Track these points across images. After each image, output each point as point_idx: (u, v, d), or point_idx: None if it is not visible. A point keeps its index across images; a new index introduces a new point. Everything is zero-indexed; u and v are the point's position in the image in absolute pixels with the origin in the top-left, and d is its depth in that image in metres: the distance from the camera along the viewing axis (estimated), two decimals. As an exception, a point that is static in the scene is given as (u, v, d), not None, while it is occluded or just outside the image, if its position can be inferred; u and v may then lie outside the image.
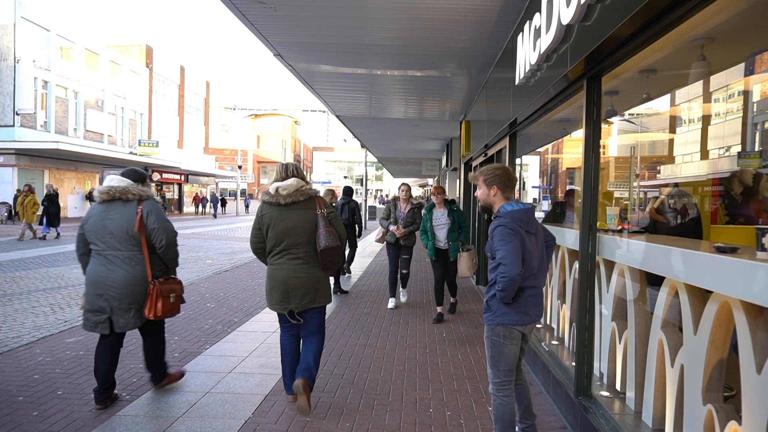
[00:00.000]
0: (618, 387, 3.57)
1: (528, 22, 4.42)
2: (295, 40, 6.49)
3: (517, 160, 6.50)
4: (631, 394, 3.34)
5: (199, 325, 6.13)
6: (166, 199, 36.50)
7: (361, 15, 5.47)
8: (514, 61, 5.19)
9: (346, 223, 9.20)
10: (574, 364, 3.77)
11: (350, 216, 9.34)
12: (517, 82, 5.04)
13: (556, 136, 7.41)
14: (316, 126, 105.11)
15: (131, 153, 31.39)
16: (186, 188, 42.09)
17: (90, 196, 29.85)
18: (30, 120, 25.64)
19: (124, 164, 29.10)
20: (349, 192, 9.46)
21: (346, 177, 79.81)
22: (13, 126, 24.64)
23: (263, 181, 66.27)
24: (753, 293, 2.11)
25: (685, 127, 4.53)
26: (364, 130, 15.13)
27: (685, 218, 3.89)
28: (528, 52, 4.43)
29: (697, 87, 3.95)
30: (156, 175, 35.74)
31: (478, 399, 4.11)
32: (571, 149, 6.87)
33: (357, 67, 7.64)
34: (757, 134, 3.57)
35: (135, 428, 3.46)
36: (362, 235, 14.98)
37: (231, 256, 13.39)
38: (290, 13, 5.49)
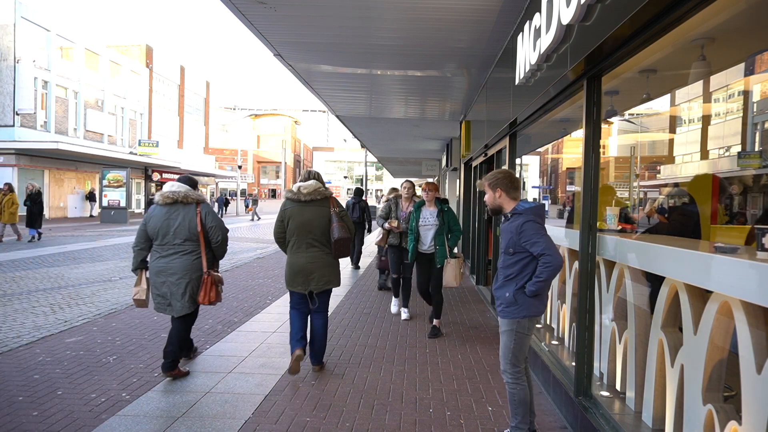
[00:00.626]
0: (618, 387, 3.57)
1: (528, 22, 4.42)
2: (295, 40, 6.49)
3: (517, 160, 6.49)
4: (631, 394, 3.34)
5: (199, 325, 6.13)
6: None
7: (362, 15, 5.47)
8: (514, 61, 5.19)
9: (357, 221, 10.41)
10: (574, 364, 3.77)
11: (361, 214, 10.57)
12: (517, 82, 5.04)
13: (556, 136, 7.40)
14: (316, 126, 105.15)
15: (131, 153, 31.39)
16: (186, 188, 42.05)
17: (91, 196, 29.94)
18: (30, 120, 25.64)
19: (124, 164, 29.12)
20: (359, 193, 11.03)
21: (346, 177, 79.83)
22: (13, 126, 24.63)
23: (263, 181, 66.30)
24: (753, 293, 2.11)
25: (685, 127, 4.52)
26: (364, 130, 15.13)
27: (685, 218, 3.89)
28: (528, 52, 4.43)
29: (697, 87, 3.94)
30: (156, 175, 35.76)
31: (478, 399, 4.11)
32: (571, 149, 6.87)
33: (357, 67, 7.64)
34: (757, 134, 3.57)
35: (135, 428, 3.46)
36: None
37: (231, 256, 13.38)
38: (290, 13, 5.49)
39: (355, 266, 11.15)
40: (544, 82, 4.19)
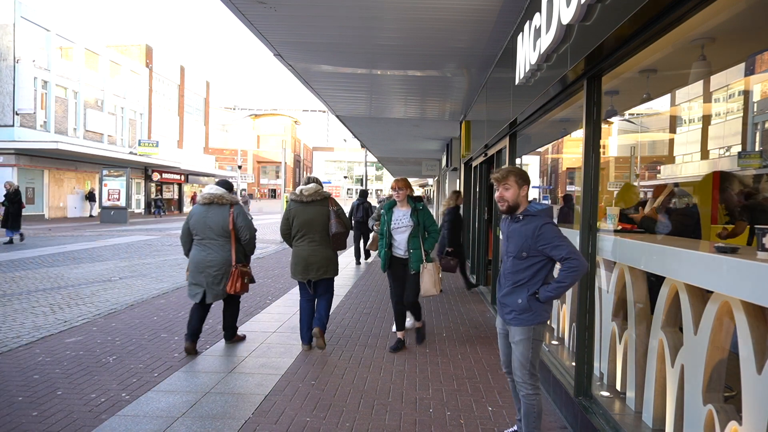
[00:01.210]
0: (618, 387, 3.57)
1: (528, 22, 4.42)
2: (295, 40, 6.49)
3: (517, 160, 6.49)
4: (631, 394, 3.34)
5: (199, 325, 6.13)
6: (164, 201, 36.50)
7: (362, 15, 5.47)
8: (514, 61, 5.19)
9: (361, 220, 11.45)
10: (574, 364, 3.77)
11: (364, 214, 11.48)
12: (517, 82, 5.04)
13: (556, 136, 7.41)
14: (316, 126, 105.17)
15: (131, 153, 31.39)
16: (186, 188, 42.10)
17: (90, 196, 29.95)
18: (30, 120, 25.63)
19: (124, 164, 29.11)
20: (364, 194, 11.88)
21: (346, 177, 79.85)
22: (13, 126, 24.62)
23: (263, 181, 66.30)
24: (753, 293, 2.11)
25: (686, 127, 4.52)
26: (364, 130, 15.13)
27: (685, 218, 3.89)
28: (528, 52, 4.43)
29: (698, 87, 3.95)
30: (156, 175, 35.77)
31: (478, 399, 4.11)
32: (571, 149, 6.87)
33: (357, 67, 7.64)
34: (758, 134, 3.57)
35: (135, 428, 3.46)
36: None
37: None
38: (290, 13, 5.49)
39: (357, 263, 11.91)
40: (544, 82, 4.19)
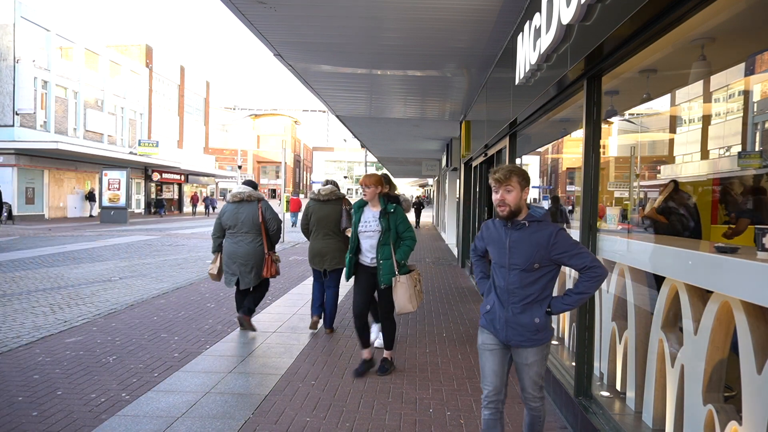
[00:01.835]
0: (618, 387, 3.57)
1: (528, 22, 4.42)
2: (295, 40, 6.49)
3: (517, 160, 6.49)
4: (631, 394, 3.34)
5: (199, 325, 6.13)
6: (164, 200, 36.52)
7: (362, 15, 5.47)
8: (514, 61, 5.19)
9: None
10: (574, 364, 3.77)
11: None
12: (517, 82, 5.04)
13: (556, 136, 7.40)
14: (316, 126, 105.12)
15: (131, 153, 31.40)
16: (186, 188, 42.10)
17: (90, 196, 29.95)
18: (30, 120, 25.63)
19: (124, 164, 29.12)
20: None
21: (346, 177, 79.84)
22: (13, 126, 24.62)
23: (263, 181, 66.28)
24: (753, 293, 2.11)
25: (686, 127, 4.52)
26: (364, 130, 15.14)
27: (685, 218, 3.89)
28: (528, 52, 4.43)
29: (698, 87, 3.95)
30: (156, 175, 35.77)
31: (478, 399, 4.11)
32: (571, 149, 6.87)
33: (357, 67, 7.64)
34: (758, 134, 3.57)
35: (135, 428, 3.46)
36: None
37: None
38: (290, 13, 5.49)
39: None
40: (544, 82, 4.19)
